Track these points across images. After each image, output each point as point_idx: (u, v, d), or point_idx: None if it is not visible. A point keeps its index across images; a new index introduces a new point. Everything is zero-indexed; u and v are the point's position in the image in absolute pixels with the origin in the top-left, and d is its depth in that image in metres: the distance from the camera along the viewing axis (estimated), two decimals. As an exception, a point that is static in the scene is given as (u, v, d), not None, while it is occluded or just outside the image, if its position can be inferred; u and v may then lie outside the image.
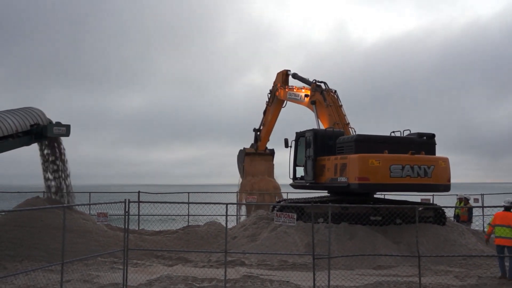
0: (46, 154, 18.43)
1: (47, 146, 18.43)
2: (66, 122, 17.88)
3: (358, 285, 11.46)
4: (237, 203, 22.46)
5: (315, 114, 19.86)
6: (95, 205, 13.46)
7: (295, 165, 18.86)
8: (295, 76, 23.03)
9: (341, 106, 19.58)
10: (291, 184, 19.28)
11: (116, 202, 11.71)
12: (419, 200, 18.76)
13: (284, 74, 23.85)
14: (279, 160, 26.36)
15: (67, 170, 18.69)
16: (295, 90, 22.37)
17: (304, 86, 21.84)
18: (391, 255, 13.44)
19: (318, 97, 19.86)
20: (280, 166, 26.44)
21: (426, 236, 15.19)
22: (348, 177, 15.62)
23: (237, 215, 23.78)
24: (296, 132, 18.80)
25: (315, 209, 13.46)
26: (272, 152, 26.51)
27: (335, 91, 19.95)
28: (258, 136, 25.88)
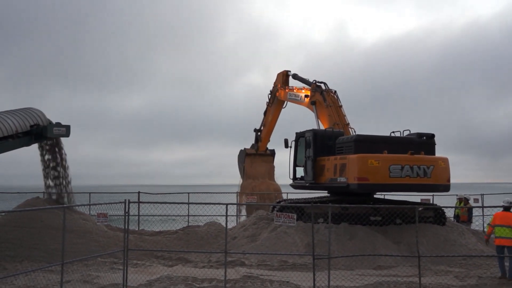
0: (47, 159, 18.29)
1: (48, 151, 18.27)
2: (66, 123, 17.82)
3: (358, 285, 11.46)
4: (237, 203, 22.46)
5: (315, 115, 19.86)
6: (95, 205, 13.49)
7: (295, 165, 18.88)
8: (295, 76, 23.03)
9: (341, 106, 19.59)
10: (291, 185, 19.29)
11: (116, 203, 11.71)
12: (419, 200, 18.74)
13: (284, 75, 23.85)
14: (279, 161, 26.37)
15: (69, 177, 18.56)
16: (295, 91, 22.37)
17: (304, 86, 21.83)
18: (391, 255, 13.44)
19: (318, 97, 19.87)
20: (280, 167, 26.43)
21: (426, 236, 15.19)
22: (348, 177, 15.62)
23: (237, 215, 23.78)
24: (296, 133, 18.82)
25: (315, 209, 13.47)
26: (273, 152, 26.49)
27: (335, 91, 19.97)
28: (258, 136, 25.85)
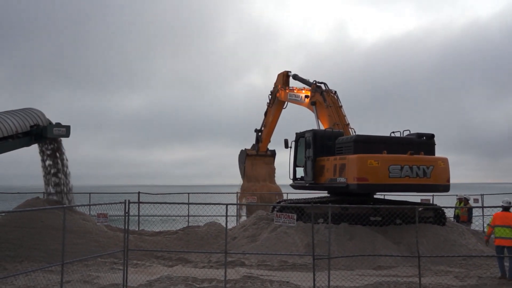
0: (48, 165, 18.27)
1: (49, 156, 18.22)
2: (66, 123, 17.85)
3: (358, 285, 11.47)
4: (237, 204, 22.46)
5: (315, 115, 19.87)
6: (95, 205, 13.51)
7: (295, 165, 18.89)
8: (295, 77, 23.04)
9: (341, 106, 19.60)
10: (291, 185, 19.30)
11: (116, 203, 11.72)
12: (419, 201, 18.74)
13: (285, 75, 23.85)
14: (279, 161, 26.33)
15: (70, 184, 18.57)
16: (295, 91, 22.37)
17: (304, 87, 21.84)
18: (391, 255, 13.45)
19: (318, 98, 19.87)
20: (280, 167, 26.38)
21: (426, 236, 15.19)
22: (347, 177, 15.62)
23: (237, 216, 23.77)
24: (296, 133, 18.83)
25: (315, 209, 13.47)
26: (274, 153, 26.43)
27: (335, 91, 19.97)
28: (259, 137, 25.82)
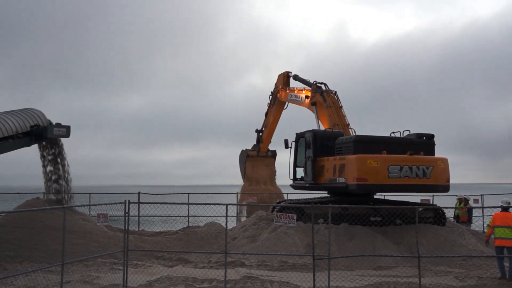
0: (49, 171, 18.24)
1: (49, 162, 18.21)
2: (66, 123, 17.86)
3: (358, 285, 11.47)
4: (237, 204, 22.46)
5: (316, 115, 19.89)
6: (95, 206, 13.52)
7: (295, 166, 18.89)
8: (296, 77, 23.08)
9: (341, 107, 19.61)
10: (291, 185, 19.30)
11: (116, 203, 11.73)
12: (419, 201, 18.74)
13: (285, 76, 23.87)
14: (279, 161, 26.30)
15: (71, 191, 18.52)
16: (296, 92, 22.40)
17: (304, 87, 21.87)
18: (391, 255, 13.45)
19: (318, 98, 19.89)
20: (280, 167, 26.37)
21: (426, 236, 15.19)
22: (347, 177, 15.63)
23: (237, 216, 23.76)
24: (296, 133, 18.84)
25: (315, 209, 13.47)
26: (274, 154, 26.39)
27: (335, 92, 19.99)
28: (260, 137, 25.83)
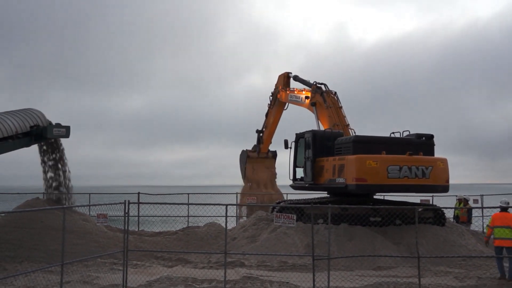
0: (50, 178, 18.30)
1: (50, 168, 18.25)
2: (66, 123, 17.89)
3: (357, 286, 11.47)
4: (236, 204, 22.46)
5: (316, 116, 19.91)
6: (95, 206, 13.53)
7: (295, 166, 18.90)
8: (296, 78, 23.11)
9: (341, 107, 19.64)
10: (291, 185, 19.31)
11: (116, 203, 11.72)
12: (418, 201, 18.75)
13: (286, 77, 23.90)
14: (280, 161, 26.26)
15: (72, 198, 18.52)
16: (296, 92, 22.43)
17: (304, 88, 21.90)
18: (390, 256, 13.46)
19: (318, 98, 19.91)
20: (280, 167, 26.35)
21: (426, 237, 15.20)
22: (346, 178, 15.64)
23: (236, 216, 23.75)
24: (296, 133, 18.85)
25: (314, 210, 13.48)
26: (275, 154, 26.33)
27: (335, 92, 20.01)
28: (260, 138, 25.81)
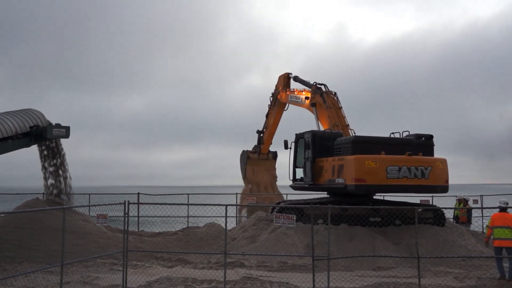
0: (50, 185, 18.26)
1: (51, 174, 18.21)
2: (66, 124, 17.89)
3: (357, 286, 11.47)
4: (236, 204, 22.47)
5: (315, 116, 19.93)
6: (94, 206, 13.54)
7: (294, 166, 18.91)
8: (296, 79, 23.14)
9: (340, 108, 19.66)
10: (291, 186, 19.33)
11: (116, 204, 11.73)
12: (418, 201, 18.76)
13: (286, 77, 23.91)
14: (280, 161, 26.26)
15: (73, 204, 18.55)
16: (296, 93, 22.46)
17: (304, 88, 21.93)
18: (390, 256, 13.46)
19: (318, 99, 19.94)
20: (280, 167, 26.34)
21: (426, 237, 15.20)
22: (345, 178, 15.65)
23: (236, 217, 23.76)
24: (296, 134, 18.86)
25: (314, 210, 13.48)
26: (275, 155, 26.32)
27: (335, 93, 20.05)
28: (261, 138, 25.82)
